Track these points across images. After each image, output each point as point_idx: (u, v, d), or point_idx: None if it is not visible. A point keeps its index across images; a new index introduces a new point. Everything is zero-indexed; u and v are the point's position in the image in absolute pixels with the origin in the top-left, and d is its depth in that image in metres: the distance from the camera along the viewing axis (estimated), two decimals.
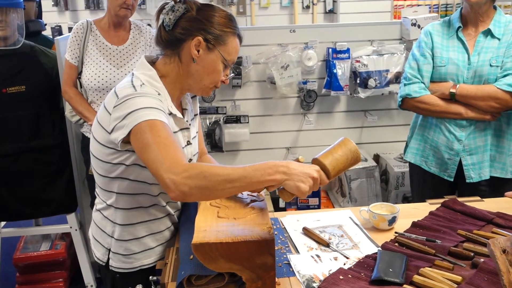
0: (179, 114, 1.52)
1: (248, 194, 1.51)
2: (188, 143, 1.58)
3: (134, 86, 1.41)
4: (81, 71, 2.56)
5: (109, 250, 1.59)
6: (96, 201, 1.62)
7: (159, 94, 1.44)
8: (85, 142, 2.67)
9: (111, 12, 2.55)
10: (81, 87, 2.57)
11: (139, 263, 1.58)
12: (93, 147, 1.49)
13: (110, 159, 1.44)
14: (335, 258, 1.49)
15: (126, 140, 1.34)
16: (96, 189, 1.59)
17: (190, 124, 1.60)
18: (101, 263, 1.62)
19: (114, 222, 1.55)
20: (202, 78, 1.50)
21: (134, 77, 1.46)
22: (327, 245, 1.56)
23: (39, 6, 3.35)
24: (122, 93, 1.39)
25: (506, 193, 1.93)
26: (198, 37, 1.45)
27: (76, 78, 2.58)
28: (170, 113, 1.48)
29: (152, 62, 1.53)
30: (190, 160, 1.60)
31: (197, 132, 1.68)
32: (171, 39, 1.49)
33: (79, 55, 2.55)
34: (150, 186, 1.49)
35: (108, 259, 1.59)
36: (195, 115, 1.69)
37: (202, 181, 1.22)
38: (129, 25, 2.65)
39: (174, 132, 1.50)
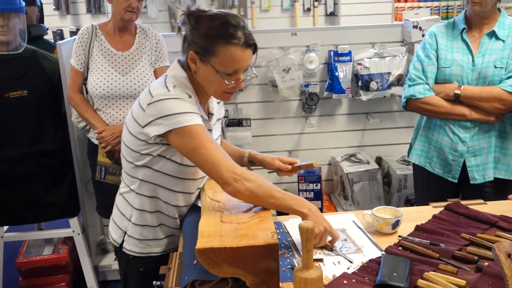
0: (205, 116, 1.63)
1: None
2: None
3: (167, 87, 1.53)
4: (87, 77, 2.54)
5: (125, 232, 1.72)
6: (121, 185, 1.76)
7: (189, 96, 1.55)
8: (91, 147, 2.66)
9: (116, 17, 2.52)
10: (87, 93, 2.56)
11: (149, 249, 1.70)
12: (125, 137, 1.63)
13: (139, 149, 1.58)
14: (339, 262, 1.49)
15: (160, 136, 1.50)
16: (122, 174, 1.73)
17: (212, 128, 1.69)
18: (115, 244, 1.76)
19: (133, 207, 1.68)
20: (207, 88, 1.58)
21: (168, 78, 1.57)
22: (330, 249, 1.56)
23: (41, 10, 3.34)
24: (155, 92, 1.53)
25: (509, 196, 1.93)
26: (191, 51, 1.53)
27: (82, 84, 2.55)
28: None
29: (183, 66, 1.60)
30: None
31: (220, 135, 1.79)
32: (183, 51, 1.59)
33: (84, 60, 2.52)
34: (172, 180, 1.61)
35: (123, 241, 1.73)
36: (218, 119, 1.79)
37: (256, 188, 1.46)
38: (134, 29, 2.60)
39: None
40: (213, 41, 1.49)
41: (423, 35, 2.88)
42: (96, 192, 2.75)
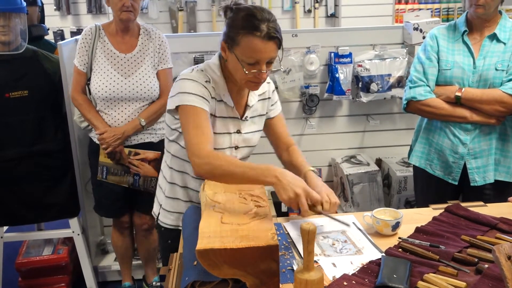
0: (230, 103, 1.73)
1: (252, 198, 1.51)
2: (238, 131, 1.78)
3: (193, 69, 1.72)
4: (90, 78, 2.54)
5: (161, 205, 1.89)
6: (162, 161, 1.92)
7: (206, 81, 1.68)
8: (92, 146, 2.66)
9: (116, 18, 2.52)
10: (89, 93, 2.56)
11: (177, 222, 1.83)
12: (166, 115, 1.79)
13: (170, 123, 1.77)
14: (333, 265, 1.49)
15: (174, 111, 1.68)
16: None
17: (247, 119, 1.79)
18: (154, 216, 1.94)
19: (166, 180, 1.85)
20: (234, 76, 1.68)
21: (202, 64, 1.74)
22: (318, 213, 1.56)
23: (42, 10, 3.35)
24: (182, 72, 1.73)
25: (509, 198, 1.93)
26: (222, 40, 1.65)
27: (85, 85, 2.55)
28: (221, 100, 1.72)
29: (220, 55, 1.73)
30: (237, 147, 1.79)
31: (258, 130, 1.85)
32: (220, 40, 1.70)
33: (87, 61, 2.52)
34: None
35: (159, 213, 1.89)
36: (261, 115, 1.85)
37: (213, 170, 1.52)
38: (138, 30, 2.59)
39: (222, 117, 1.73)
40: (237, 31, 1.58)
41: (423, 37, 2.88)
42: (95, 192, 2.75)
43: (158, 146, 2.57)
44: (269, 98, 1.87)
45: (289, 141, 1.93)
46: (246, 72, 1.60)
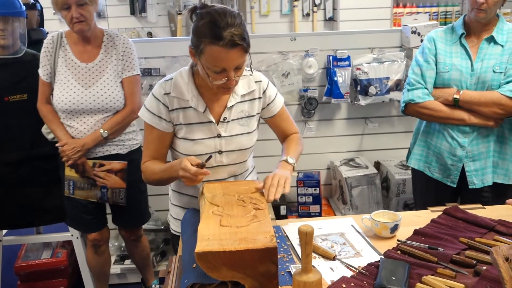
0: (200, 109, 1.70)
1: (250, 200, 1.51)
2: (219, 136, 1.73)
3: (164, 81, 1.73)
4: (54, 88, 2.44)
5: (169, 211, 1.96)
6: None
7: (165, 94, 1.69)
8: (61, 158, 2.49)
9: None
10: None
11: (180, 229, 1.80)
12: None
13: None
14: (337, 267, 1.49)
15: None
16: None
17: (226, 121, 1.73)
18: (168, 222, 2.00)
19: (170, 187, 1.93)
20: (205, 81, 1.64)
21: (179, 70, 1.74)
22: (333, 258, 1.54)
23: (41, 14, 3.35)
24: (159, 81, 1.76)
25: (507, 201, 1.94)
26: (189, 46, 1.60)
27: (50, 95, 2.46)
28: (189, 107, 1.70)
29: None
30: (220, 151, 1.75)
31: (248, 133, 1.77)
32: None
33: (50, 71, 2.43)
34: None
35: (169, 220, 1.97)
36: (251, 116, 1.78)
37: (148, 181, 1.80)
38: (101, 37, 2.45)
39: (192, 124, 1.71)
40: (200, 40, 1.53)
41: (421, 41, 2.89)
42: (68, 205, 2.62)
43: (126, 158, 2.48)
44: (259, 98, 1.79)
45: (291, 129, 1.94)
46: (211, 80, 1.57)
